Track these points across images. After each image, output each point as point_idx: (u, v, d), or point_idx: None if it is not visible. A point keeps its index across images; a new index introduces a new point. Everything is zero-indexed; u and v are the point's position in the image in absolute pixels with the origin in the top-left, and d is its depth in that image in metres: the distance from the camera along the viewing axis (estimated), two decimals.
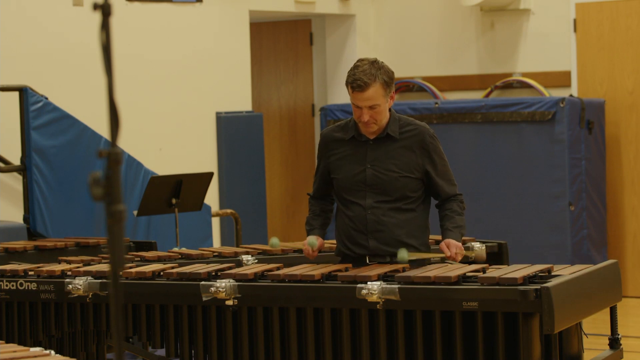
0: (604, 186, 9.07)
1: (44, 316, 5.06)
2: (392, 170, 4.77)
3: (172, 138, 8.38)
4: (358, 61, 4.77)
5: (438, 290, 4.30)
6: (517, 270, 4.42)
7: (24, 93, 7.02)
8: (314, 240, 4.86)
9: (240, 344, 4.65)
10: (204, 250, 5.90)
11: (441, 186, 4.83)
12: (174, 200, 7.02)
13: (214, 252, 5.85)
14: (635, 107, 9.13)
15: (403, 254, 4.64)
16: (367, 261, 4.80)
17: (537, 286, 4.15)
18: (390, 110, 4.83)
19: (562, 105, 8.63)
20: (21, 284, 5.06)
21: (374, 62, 4.73)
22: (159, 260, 5.55)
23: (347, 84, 4.75)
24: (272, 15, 9.81)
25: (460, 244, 4.76)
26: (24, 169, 7.06)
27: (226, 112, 8.76)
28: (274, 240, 5.01)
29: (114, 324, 2.36)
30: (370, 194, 4.79)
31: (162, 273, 4.88)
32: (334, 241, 5.14)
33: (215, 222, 8.63)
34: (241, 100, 8.96)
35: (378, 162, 4.79)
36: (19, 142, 7.09)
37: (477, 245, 5.75)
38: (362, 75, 4.68)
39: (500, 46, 9.62)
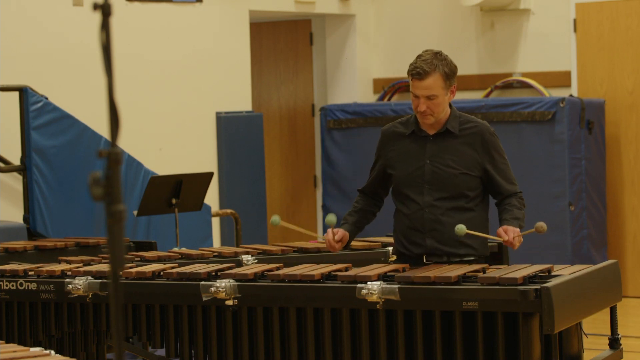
0: (604, 186, 9.07)
1: (44, 316, 5.06)
2: (450, 167, 4.73)
3: (172, 138, 8.38)
4: (423, 51, 4.74)
5: (438, 290, 4.30)
6: (517, 270, 4.42)
7: (24, 93, 7.02)
8: (332, 218, 4.71)
9: (240, 344, 4.65)
10: (204, 250, 5.89)
11: (501, 184, 4.78)
12: (174, 200, 7.02)
13: (214, 252, 5.84)
14: (635, 107, 9.14)
15: (461, 227, 4.58)
16: (425, 260, 4.76)
17: (537, 286, 4.15)
18: (451, 106, 4.79)
19: (562, 105, 8.63)
20: (21, 284, 5.06)
21: (438, 53, 4.71)
22: (159, 260, 5.55)
23: (408, 73, 4.71)
24: (272, 15, 9.81)
25: (518, 230, 4.69)
26: (24, 169, 7.07)
27: (226, 112, 8.77)
28: (275, 218, 4.85)
29: (114, 324, 2.36)
30: (428, 190, 4.74)
31: (162, 273, 4.88)
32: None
33: (215, 222, 8.63)
34: (241, 100, 8.96)
35: (437, 158, 4.75)
36: (19, 142, 7.09)
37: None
38: (423, 64, 4.65)
39: (500, 46, 9.62)
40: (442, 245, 4.74)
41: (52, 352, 3.60)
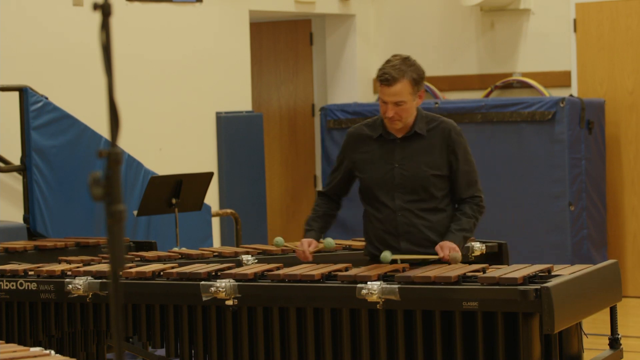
0: (604, 186, 9.07)
1: (44, 316, 5.06)
2: (420, 169, 4.75)
3: (172, 138, 8.38)
4: (391, 56, 4.74)
5: (438, 290, 4.30)
6: (517, 270, 4.42)
7: (24, 93, 7.02)
8: (331, 241, 4.84)
9: (240, 344, 4.65)
10: (204, 250, 5.90)
11: (459, 185, 4.79)
12: (174, 200, 7.02)
13: (214, 252, 5.85)
14: (635, 107, 9.13)
15: (386, 255, 4.62)
16: (399, 262, 4.78)
17: (537, 286, 4.15)
18: (417, 108, 4.81)
19: (562, 105, 8.63)
20: (21, 284, 5.06)
21: (406, 59, 4.71)
22: (159, 260, 5.55)
23: (376, 78, 4.72)
24: (272, 15, 9.81)
25: (455, 245, 4.71)
26: (24, 169, 7.06)
27: (226, 112, 8.76)
28: (279, 240, 4.96)
29: (114, 324, 2.36)
30: (399, 194, 4.76)
31: (162, 273, 4.88)
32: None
33: (215, 222, 8.63)
34: (241, 100, 8.96)
35: (406, 161, 4.76)
36: (19, 142, 7.09)
37: (477, 245, 5.75)
38: (391, 70, 4.66)
39: (500, 46, 9.62)
40: (416, 247, 4.76)
41: (52, 352, 3.60)
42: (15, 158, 7.18)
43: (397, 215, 4.75)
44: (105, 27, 2.28)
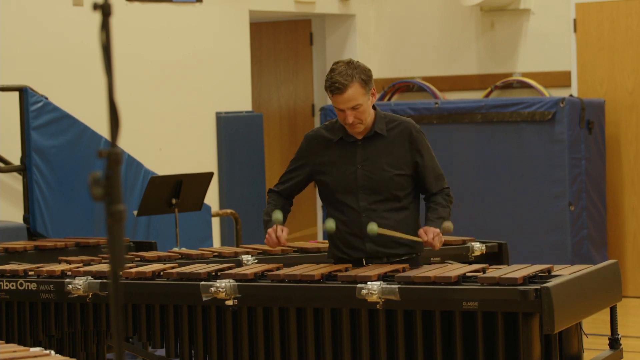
0: (604, 186, 9.07)
1: (44, 316, 5.06)
2: (383, 169, 4.76)
3: (172, 138, 8.38)
4: (334, 64, 4.74)
5: (438, 290, 4.30)
6: (517, 270, 4.42)
7: (24, 93, 7.02)
8: (279, 215, 4.73)
9: (240, 344, 4.65)
10: (204, 250, 5.90)
11: (429, 181, 4.82)
12: (174, 200, 7.02)
13: (214, 252, 5.85)
14: (635, 107, 9.13)
15: (373, 227, 4.60)
16: (364, 263, 4.79)
17: (537, 286, 4.15)
18: (375, 108, 4.82)
19: (562, 105, 8.63)
20: (21, 284, 5.06)
21: (349, 63, 4.72)
22: (159, 260, 5.55)
23: (325, 89, 4.73)
24: (272, 15, 9.81)
25: (438, 230, 4.71)
26: (24, 169, 7.07)
27: (226, 112, 8.77)
28: (330, 224, 4.82)
29: (114, 324, 2.36)
30: (363, 195, 4.77)
31: (162, 273, 4.88)
32: (326, 242, 5.09)
33: (215, 222, 8.63)
34: (241, 100, 8.96)
35: (369, 162, 4.77)
36: (19, 142, 7.09)
37: (477, 245, 5.75)
38: (339, 77, 4.65)
39: (500, 46, 9.62)
40: (381, 248, 4.77)
41: (52, 352, 3.60)
42: (15, 158, 7.18)
43: (361, 216, 4.76)
44: (105, 27, 2.28)
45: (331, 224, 4.72)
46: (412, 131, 4.80)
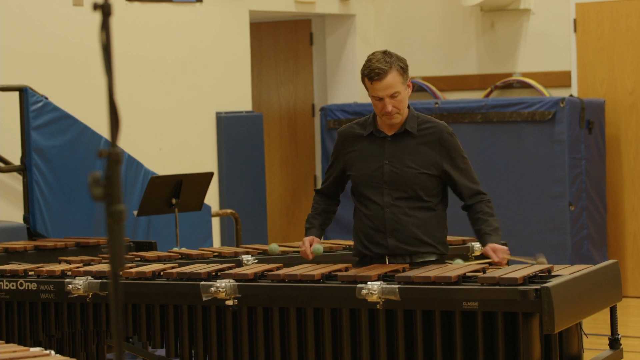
0: (604, 186, 9.07)
1: (44, 316, 5.06)
2: (409, 167, 4.75)
3: (172, 138, 8.38)
4: (370, 55, 4.74)
5: (438, 290, 4.30)
6: (517, 270, 4.41)
7: (24, 93, 7.02)
8: (319, 247, 4.83)
9: (240, 344, 4.65)
10: (204, 250, 5.89)
11: (463, 184, 4.80)
12: (174, 200, 7.02)
13: (214, 252, 5.84)
14: (635, 107, 9.14)
15: (458, 261, 4.66)
16: (387, 261, 4.78)
17: (537, 286, 4.15)
18: (409, 107, 4.81)
19: (562, 105, 8.63)
20: (21, 284, 5.06)
21: (386, 52, 4.73)
22: (159, 260, 5.55)
23: (364, 77, 4.71)
24: (272, 15, 9.81)
25: (506, 247, 4.72)
26: (24, 169, 7.06)
27: (226, 112, 8.76)
28: (273, 246, 5.02)
29: (114, 324, 2.36)
30: (388, 191, 4.75)
31: (162, 273, 4.88)
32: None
33: (215, 222, 8.63)
34: (241, 100, 8.96)
35: (396, 158, 4.76)
36: (19, 142, 7.09)
37: (477, 245, 5.75)
38: (378, 64, 4.65)
39: (500, 46, 9.62)
40: (404, 245, 4.75)
41: (52, 352, 3.61)
42: (15, 158, 7.18)
43: (385, 211, 4.76)
44: (105, 27, 2.28)
45: (274, 246, 4.83)
46: (444, 134, 4.79)
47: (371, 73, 4.66)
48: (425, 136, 4.78)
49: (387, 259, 4.78)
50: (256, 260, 5.60)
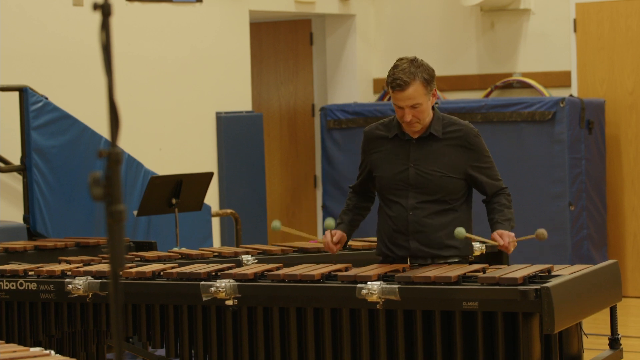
0: (604, 186, 9.07)
1: (44, 316, 5.06)
2: (435, 170, 4.72)
3: (172, 138, 8.38)
4: (397, 60, 4.69)
5: (438, 290, 4.30)
6: (517, 270, 4.42)
7: (24, 93, 7.02)
8: (330, 222, 4.73)
9: (240, 344, 4.65)
10: (204, 250, 5.89)
11: (487, 184, 4.79)
12: (174, 200, 7.02)
13: (214, 252, 5.84)
14: (635, 107, 9.14)
15: (461, 230, 4.57)
16: (409, 263, 4.76)
17: (537, 286, 4.15)
18: (433, 108, 4.78)
19: (562, 105, 8.63)
20: (21, 284, 5.06)
21: (413, 61, 4.66)
22: (159, 260, 5.55)
23: (387, 84, 4.69)
24: (272, 15, 9.81)
25: (513, 234, 4.69)
26: (24, 169, 7.06)
27: (226, 112, 8.76)
28: (276, 223, 4.85)
29: (114, 324, 2.36)
30: (413, 194, 4.73)
31: (162, 273, 4.88)
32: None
33: (215, 222, 8.63)
34: (241, 100, 8.96)
35: (421, 162, 4.74)
36: (19, 142, 7.09)
37: (477, 245, 5.74)
38: (402, 74, 4.60)
39: (500, 46, 9.62)
40: (426, 248, 4.73)
41: (52, 352, 3.60)
42: (15, 158, 7.18)
43: (408, 214, 4.73)
44: (105, 27, 2.28)
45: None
46: (469, 137, 4.77)
47: (393, 82, 4.62)
48: (450, 139, 4.76)
49: (409, 261, 4.77)
50: (256, 260, 5.60)
